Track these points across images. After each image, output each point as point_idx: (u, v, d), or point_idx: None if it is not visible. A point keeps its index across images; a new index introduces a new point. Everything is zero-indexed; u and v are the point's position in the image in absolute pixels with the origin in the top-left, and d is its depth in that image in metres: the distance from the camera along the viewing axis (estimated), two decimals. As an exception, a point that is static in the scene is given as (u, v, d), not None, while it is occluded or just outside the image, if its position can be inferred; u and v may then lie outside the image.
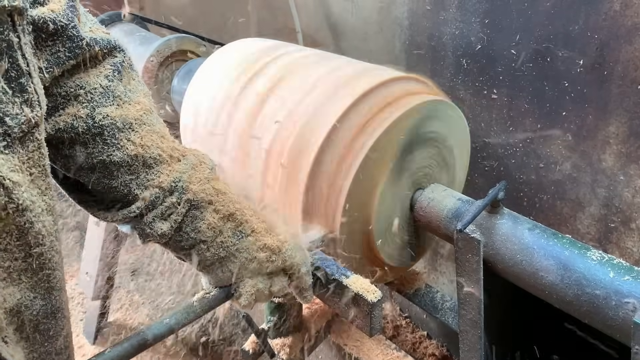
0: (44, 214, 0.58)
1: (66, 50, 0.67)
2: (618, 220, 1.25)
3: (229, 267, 0.84)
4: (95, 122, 0.71)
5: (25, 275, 0.58)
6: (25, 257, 0.57)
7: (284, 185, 1.06)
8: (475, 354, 0.99)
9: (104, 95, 0.73)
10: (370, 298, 0.88)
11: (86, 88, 0.71)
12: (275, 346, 1.26)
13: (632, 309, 0.76)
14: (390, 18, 1.61)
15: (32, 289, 0.59)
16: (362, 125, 1.01)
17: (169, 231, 0.78)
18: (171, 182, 0.78)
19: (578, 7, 1.16)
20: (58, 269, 0.63)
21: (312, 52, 1.30)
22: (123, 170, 0.75)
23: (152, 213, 0.77)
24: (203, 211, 0.81)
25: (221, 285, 0.87)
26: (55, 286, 0.63)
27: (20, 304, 0.58)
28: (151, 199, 0.76)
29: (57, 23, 0.64)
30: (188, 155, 0.83)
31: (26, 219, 0.55)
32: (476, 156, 1.49)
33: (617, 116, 1.17)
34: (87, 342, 2.16)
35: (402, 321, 2.04)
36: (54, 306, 0.63)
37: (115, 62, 0.75)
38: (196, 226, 0.80)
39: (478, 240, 0.90)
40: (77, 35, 0.67)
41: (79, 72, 0.71)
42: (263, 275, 0.87)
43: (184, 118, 1.33)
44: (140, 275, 2.49)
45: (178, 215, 0.79)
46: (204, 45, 1.69)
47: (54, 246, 0.61)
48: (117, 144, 0.73)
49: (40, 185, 0.58)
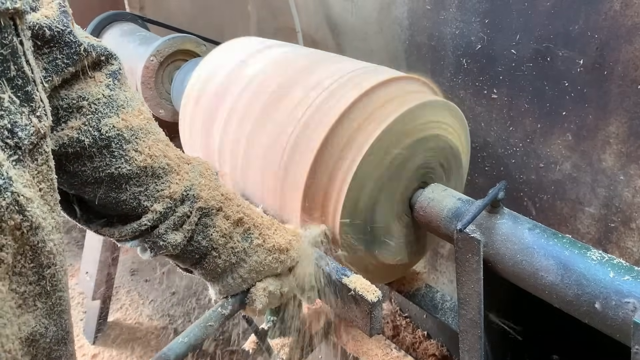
0: (53, 231, 0.55)
1: (64, 57, 0.63)
2: (618, 220, 1.25)
3: (240, 273, 0.83)
4: (102, 134, 0.68)
5: (40, 300, 0.54)
6: (38, 280, 0.53)
7: (283, 185, 1.06)
8: (475, 354, 0.99)
9: (108, 105, 0.70)
10: (370, 298, 0.88)
11: (89, 99, 0.68)
12: (275, 346, 1.26)
13: (632, 309, 0.76)
14: (390, 18, 1.61)
15: (46, 315, 0.55)
16: (362, 125, 1.01)
17: (182, 241, 0.76)
18: (182, 191, 0.76)
19: (578, 7, 1.16)
20: (66, 290, 0.60)
21: (312, 51, 1.30)
22: (132, 182, 0.72)
23: (164, 224, 0.75)
24: (214, 218, 0.79)
25: (231, 294, 0.85)
26: (65, 309, 0.59)
27: (36, 332, 0.54)
28: (163, 210, 0.74)
29: (53, 29, 0.61)
30: (193, 162, 0.81)
31: (39, 239, 0.52)
32: (476, 156, 1.49)
33: (617, 116, 1.17)
34: (87, 342, 2.16)
35: (402, 321, 2.04)
36: (64, 330, 0.59)
37: (113, 70, 0.72)
38: (208, 234, 0.79)
39: (478, 240, 0.90)
40: (75, 41, 0.64)
41: (79, 82, 0.68)
42: (273, 277, 0.86)
43: (184, 118, 1.33)
44: (140, 275, 2.49)
45: (190, 224, 0.77)
46: (204, 45, 1.69)
47: (64, 265, 0.58)
48: (125, 156, 0.71)
49: (49, 201, 0.55)
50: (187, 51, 1.65)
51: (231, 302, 0.85)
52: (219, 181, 0.83)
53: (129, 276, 2.49)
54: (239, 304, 0.86)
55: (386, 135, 0.99)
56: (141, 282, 2.46)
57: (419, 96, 1.09)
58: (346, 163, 0.99)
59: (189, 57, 1.65)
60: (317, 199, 1.02)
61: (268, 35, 1.56)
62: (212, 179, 0.81)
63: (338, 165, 1.00)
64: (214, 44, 1.81)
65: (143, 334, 2.19)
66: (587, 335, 0.89)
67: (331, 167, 1.00)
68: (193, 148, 1.33)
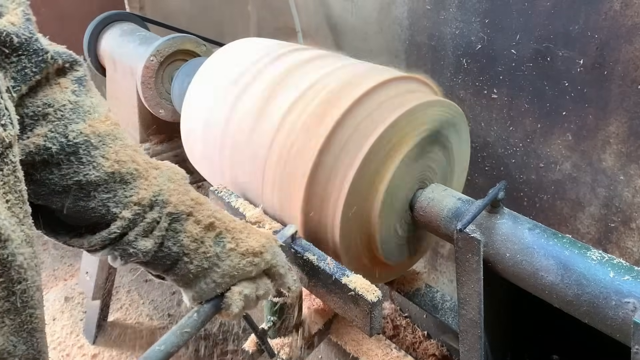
0: (23, 245, 0.53)
1: (33, 65, 0.61)
2: (618, 220, 1.25)
3: (213, 278, 0.81)
4: (69, 140, 0.67)
5: (8, 317, 0.52)
6: (8, 296, 0.51)
7: (284, 185, 1.06)
8: (475, 354, 0.99)
9: (74, 111, 0.68)
10: (370, 298, 0.88)
11: (55, 106, 0.66)
12: (275, 346, 1.26)
13: (632, 309, 0.76)
14: (390, 18, 1.61)
15: (15, 333, 0.53)
16: (361, 124, 1.01)
17: (152, 247, 0.75)
18: (151, 197, 0.75)
19: (578, 7, 1.16)
20: (39, 308, 0.57)
21: (313, 52, 1.30)
22: (100, 189, 0.71)
23: (134, 231, 0.74)
24: (184, 223, 0.78)
25: (205, 299, 0.84)
26: (37, 327, 0.57)
27: (3, 350, 0.52)
28: (132, 217, 0.73)
29: (20, 36, 0.59)
30: (162, 167, 0.80)
31: (8, 252, 0.50)
32: (476, 156, 1.49)
33: (617, 116, 1.17)
34: (87, 342, 2.16)
35: (402, 321, 2.04)
36: (35, 350, 0.57)
37: (78, 75, 0.71)
38: (178, 239, 0.77)
39: (478, 240, 0.90)
40: (42, 49, 0.62)
41: (44, 89, 0.66)
42: (248, 280, 0.85)
43: (184, 117, 1.33)
44: (140, 275, 2.49)
45: (160, 230, 0.75)
46: (204, 45, 1.69)
47: (35, 281, 0.56)
48: (93, 162, 0.69)
49: (17, 213, 0.53)
50: (187, 51, 1.65)
51: (206, 307, 0.84)
52: (188, 186, 0.82)
53: (129, 276, 2.49)
54: (214, 309, 0.84)
55: (386, 135, 0.99)
56: (141, 282, 2.46)
57: (419, 96, 1.09)
58: (346, 162, 0.99)
59: (189, 57, 1.65)
60: (317, 199, 1.02)
61: (268, 35, 1.56)
62: (181, 184, 0.80)
63: (338, 167, 1.00)
64: (214, 44, 1.81)
65: (143, 333, 2.19)
66: (587, 335, 0.89)
67: (331, 168, 1.00)
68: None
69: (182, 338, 0.81)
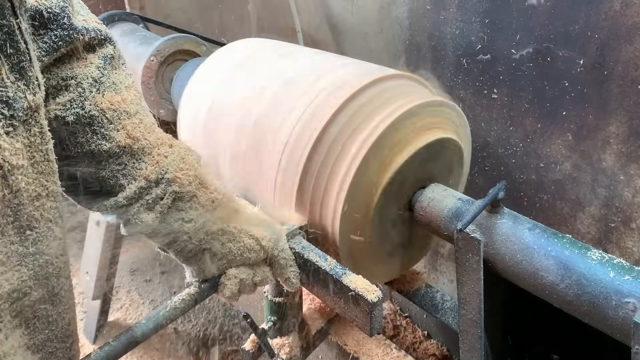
0: (41, 198, 0.59)
1: (58, 39, 0.67)
2: (618, 220, 1.25)
3: (212, 259, 0.85)
4: (85, 112, 0.72)
5: (24, 260, 0.58)
6: (21, 242, 0.58)
7: (281, 183, 1.06)
8: (475, 354, 0.99)
9: (94, 85, 0.73)
10: (370, 298, 0.88)
11: (77, 78, 0.71)
12: (275, 346, 1.26)
13: (632, 309, 0.76)
14: (391, 18, 1.61)
15: (29, 275, 0.59)
16: (360, 125, 1.01)
17: (153, 222, 0.79)
18: (157, 173, 0.78)
19: (578, 7, 1.16)
20: (58, 256, 0.64)
21: (313, 52, 1.30)
22: (111, 160, 0.75)
23: (138, 203, 0.78)
24: (187, 202, 0.81)
25: (205, 278, 0.88)
26: (53, 272, 0.63)
27: (18, 289, 0.58)
28: (137, 190, 0.77)
29: (50, 12, 0.65)
30: (175, 147, 0.83)
31: (19, 201, 0.56)
32: (476, 156, 1.49)
33: (617, 116, 1.17)
34: (88, 342, 2.16)
35: (402, 321, 2.04)
36: (51, 292, 0.63)
37: (106, 52, 0.75)
38: (180, 217, 0.81)
39: (478, 240, 0.90)
40: (70, 24, 0.68)
41: (70, 62, 0.71)
42: (246, 266, 0.88)
43: (184, 117, 1.33)
44: (140, 275, 2.49)
45: (163, 206, 0.79)
46: (204, 45, 1.69)
47: (52, 231, 0.62)
48: (106, 135, 0.74)
49: (42, 170, 0.59)
50: (187, 51, 1.65)
51: (204, 285, 0.88)
52: (199, 168, 0.85)
53: (129, 276, 2.49)
54: (211, 287, 0.88)
55: (386, 135, 0.99)
56: (141, 282, 2.46)
57: (419, 95, 1.09)
58: (347, 162, 0.99)
59: (189, 57, 1.66)
60: (315, 198, 1.02)
61: (268, 36, 1.56)
62: (191, 165, 0.83)
63: (338, 165, 1.00)
64: (214, 44, 1.81)
65: (143, 333, 2.19)
66: (587, 335, 0.89)
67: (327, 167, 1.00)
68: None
69: (175, 312, 0.86)
